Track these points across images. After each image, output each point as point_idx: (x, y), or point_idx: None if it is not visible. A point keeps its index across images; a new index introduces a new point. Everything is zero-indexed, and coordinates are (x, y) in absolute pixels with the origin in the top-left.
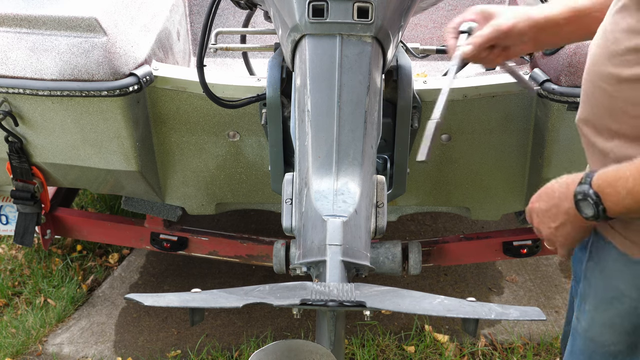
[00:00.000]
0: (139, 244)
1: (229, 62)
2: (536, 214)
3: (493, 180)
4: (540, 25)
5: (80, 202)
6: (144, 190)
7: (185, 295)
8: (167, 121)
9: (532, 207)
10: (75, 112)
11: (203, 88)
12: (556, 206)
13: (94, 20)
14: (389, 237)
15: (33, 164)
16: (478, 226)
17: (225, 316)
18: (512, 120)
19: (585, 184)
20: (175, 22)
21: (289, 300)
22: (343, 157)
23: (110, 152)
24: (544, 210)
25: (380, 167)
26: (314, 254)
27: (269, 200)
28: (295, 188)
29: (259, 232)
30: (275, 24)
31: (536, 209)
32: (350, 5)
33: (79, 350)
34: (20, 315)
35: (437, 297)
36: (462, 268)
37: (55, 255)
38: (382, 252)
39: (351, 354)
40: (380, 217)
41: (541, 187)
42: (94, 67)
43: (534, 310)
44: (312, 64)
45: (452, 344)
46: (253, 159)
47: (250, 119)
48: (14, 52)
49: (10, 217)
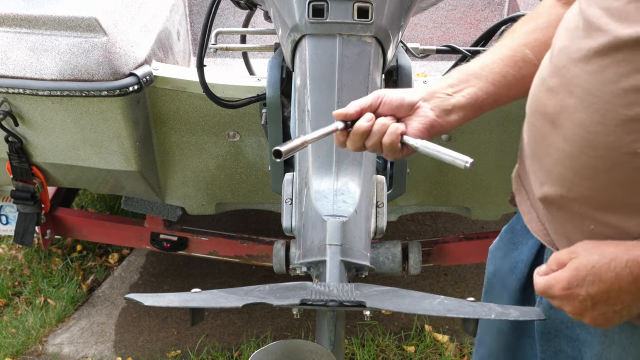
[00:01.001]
0: (139, 244)
1: (229, 62)
2: (581, 301)
3: (493, 180)
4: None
5: (80, 202)
6: (144, 190)
7: (185, 295)
8: (167, 121)
9: (573, 294)
10: (75, 112)
11: (203, 88)
12: (623, 289)
13: (94, 20)
14: (389, 237)
15: (33, 164)
16: (478, 226)
17: (225, 316)
18: (512, 120)
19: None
20: (175, 22)
21: (289, 300)
22: (343, 157)
23: (110, 152)
24: (600, 294)
25: (380, 167)
26: (314, 254)
27: (269, 200)
28: (295, 188)
29: (259, 232)
30: (275, 24)
31: (582, 296)
32: (350, 5)
33: (79, 350)
34: (20, 315)
35: (437, 297)
36: (462, 268)
37: (55, 255)
38: (382, 252)
39: (351, 354)
40: (380, 217)
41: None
42: (94, 67)
43: (534, 310)
44: (312, 64)
45: (452, 344)
46: (253, 159)
47: (250, 119)
48: (14, 52)
49: (10, 217)
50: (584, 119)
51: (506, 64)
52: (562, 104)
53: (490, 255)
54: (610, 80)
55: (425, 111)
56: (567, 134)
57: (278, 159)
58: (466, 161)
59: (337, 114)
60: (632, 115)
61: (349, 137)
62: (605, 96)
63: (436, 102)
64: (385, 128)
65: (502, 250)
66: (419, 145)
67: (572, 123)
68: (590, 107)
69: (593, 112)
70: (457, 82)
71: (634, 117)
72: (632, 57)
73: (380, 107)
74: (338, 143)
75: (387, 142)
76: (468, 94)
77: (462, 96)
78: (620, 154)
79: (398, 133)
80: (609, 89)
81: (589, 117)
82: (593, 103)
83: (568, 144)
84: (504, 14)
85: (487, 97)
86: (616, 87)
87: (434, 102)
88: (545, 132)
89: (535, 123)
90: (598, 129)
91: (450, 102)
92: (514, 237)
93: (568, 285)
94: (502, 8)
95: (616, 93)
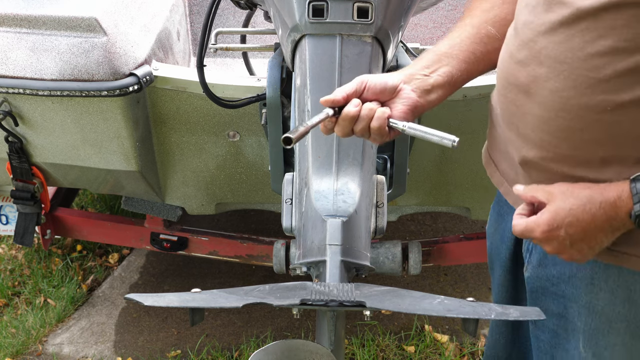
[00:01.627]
0: (139, 244)
1: (229, 62)
2: (560, 241)
3: None
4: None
5: (80, 202)
6: (144, 190)
7: (185, 295)
8: (167, 121)
9: (553, 235)
10: (75, 112)
11: (203, 88)
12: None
13: (94, 20)
14: (389, 237)
15: (33, 164)
16: (478, 226)
17: (225, 316)
18: None
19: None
20: (175, 22)
21: (289, 300)
22: (343, 157)
23: (110, 152)
24: (578, 233)
25: (380, 167)
26: (314, 254)
27: (269, 200)
28: (295, 188)
29: (259, 232)
30: (275, 24)
31: (562, 236)
32: (350, 5)
33: (79, 350)
34: (20, 315)
35: (437, 297)
36: (462, 268)
37: (55, 255)
38: (382, 252)
39: (351, 354)
40: (380, 217)
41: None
42: (94, 67)
43: (534, 310)
44: (312, 64)
45: (452, 344)
46: (253, 159)
47: (250, 119)
48: (14, 52)
49: (10, 217)
50: (556, 85)
51: (473, 41)
52: (534, 74)
53: (487, 233)
54: (577, 48)
55: (407, 93)
56: (541, 101)
57: (288, 146)
58: (453, 140)
59: (324, 101)
60: (600, 77)
61: (337, 123)
62: (574, 62)
63: (416, 84)
64: (373, 112)
65: (492, 226)
66: (405, 127)
67: (545, 90)
68: (561, 74)
69: (564, 79)
70: (431, 62)
71: (602, 79)
72: (594, 25)
73: (364, 92)
74: (325, 131)
75: (375, 126)
76: (444, 73)
77: (439, 75)
78: (593, 113)
79: (385, 117)
80: (576, 55)
81: (561, 84)
82: (563, 70)
83: (543, 110)
84: None
85: (460, 74)
86: (583, 53)
87: (414, 83)
88: (519, 101)
89: (508, 95)
90: (570, 94)
91: (429, 82)
92: (501, 209)
93: (549, 228)
94: None
95: (583, 59)
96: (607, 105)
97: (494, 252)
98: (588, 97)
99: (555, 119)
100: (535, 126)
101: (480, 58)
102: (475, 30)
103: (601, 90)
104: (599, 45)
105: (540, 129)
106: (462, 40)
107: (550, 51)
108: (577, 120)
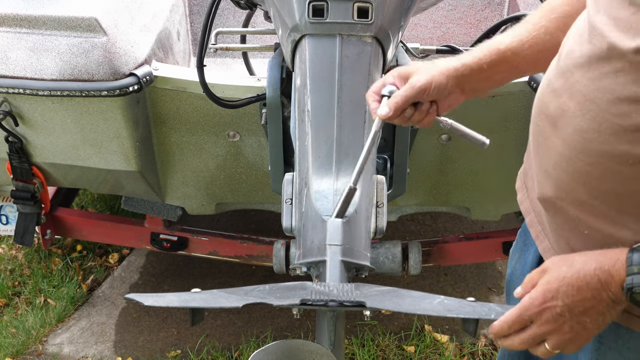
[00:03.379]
0: (139, 244)
1: (229, 62)
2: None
3: (493, 180)
4: (461, 73)
5: (80, 202)
6: (144, 190)
7: (185, 295)
8: (167, 121)
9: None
10: (75, 112)
11: (203, 88)
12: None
13: (94, 20)
14: (389, 237)
15: (33, 164)
16: (478, 226)
17: (225, 316)
18: (512, 120)
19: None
20: (175, 22)
21: (289, 300)
22: (343, 157)
23: (110, 152)
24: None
25: (380, 167)
26: (314, 254)
27: (269, 200)
28: (295, 188)
29: (259, 232)
30: (275, 24)
31: (559, 307)
32: (350, 5)
33: (79, 350)
34: (20, 315)
35: (437, 297)
36: (462, 268)
37: (55, 255)
38: (382, 252)
39: (351, 354)
40: (380, 217)
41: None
42: (94, 67)
43: None
44: (312, 64)
45: (452, 344)
46: (253, 159)
47: (250, 119)
48: (14, 52)
49: (10, 217)
50: (581, 124)
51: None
52: (563, 107)
53: (510, 257)
54: (608, 89)
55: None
56: (565, 137)
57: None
58: (483, 142)
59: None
60: (626, 125)
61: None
62: (602, 104)
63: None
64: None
65: (517, 253)
66: (450, 124)
67: (570, 127)
68: (587, 113)
69: (590, 119)
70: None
71: (627, 128)
72: (631, 68)
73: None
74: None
75: (426, 122)
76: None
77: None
78: (613, 163)
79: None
80: (605, 97)
81: (586, 123)
82: (590, 110)
83: (566, 148)
84: (504, 14)
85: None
86: (612, 96)
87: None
88: (546, 133)
89: (539, 123)
90: (593, 136)
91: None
92: (527, 238)
93: (543, 300)
94: (502, 8)
95: (612, 102)
96: (629, 158)
97: (513, 279)
98: (611, 145)
99: (575, 160)
100: (557, 163)
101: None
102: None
103: (626, 140)
104: (630, 91)
105: (560, 167)
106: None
107: (583, 86)
108: (596, 166)
